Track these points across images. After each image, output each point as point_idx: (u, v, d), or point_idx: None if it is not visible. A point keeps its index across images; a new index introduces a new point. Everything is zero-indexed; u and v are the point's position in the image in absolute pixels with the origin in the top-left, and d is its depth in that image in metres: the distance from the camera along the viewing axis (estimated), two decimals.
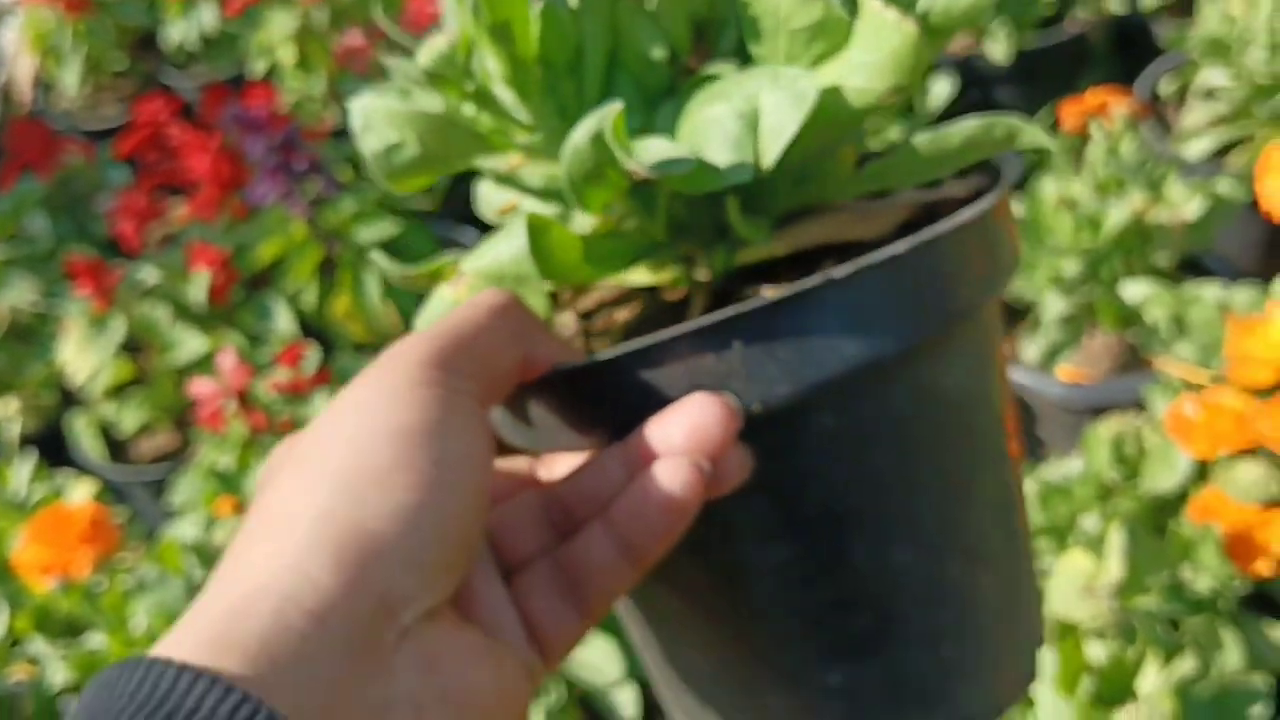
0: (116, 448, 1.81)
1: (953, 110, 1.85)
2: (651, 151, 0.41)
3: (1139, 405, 1.33)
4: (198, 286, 1.70)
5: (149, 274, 1.74)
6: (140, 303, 1.73)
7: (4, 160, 2.23)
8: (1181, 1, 1.98)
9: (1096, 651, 1.05)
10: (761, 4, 0.44)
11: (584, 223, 0.46)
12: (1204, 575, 1.11)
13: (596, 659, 1.14)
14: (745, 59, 0.46)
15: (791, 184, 0.47)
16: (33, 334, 1.90)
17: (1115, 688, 1.03)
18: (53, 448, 1.76)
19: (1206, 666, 1.06)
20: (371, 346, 1.76)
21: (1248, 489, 1.11)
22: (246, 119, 1.75)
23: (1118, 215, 1.41)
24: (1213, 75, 1.71)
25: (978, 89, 2.01)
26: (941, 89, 1.79)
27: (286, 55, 2.21)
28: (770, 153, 0.41)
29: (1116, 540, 1.12)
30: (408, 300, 1.78)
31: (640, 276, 0.49)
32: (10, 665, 1.46)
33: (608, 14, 0.46)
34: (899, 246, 0.40)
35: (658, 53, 0.46)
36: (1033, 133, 0.43)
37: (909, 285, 0.41)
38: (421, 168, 0.47)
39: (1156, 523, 1.20)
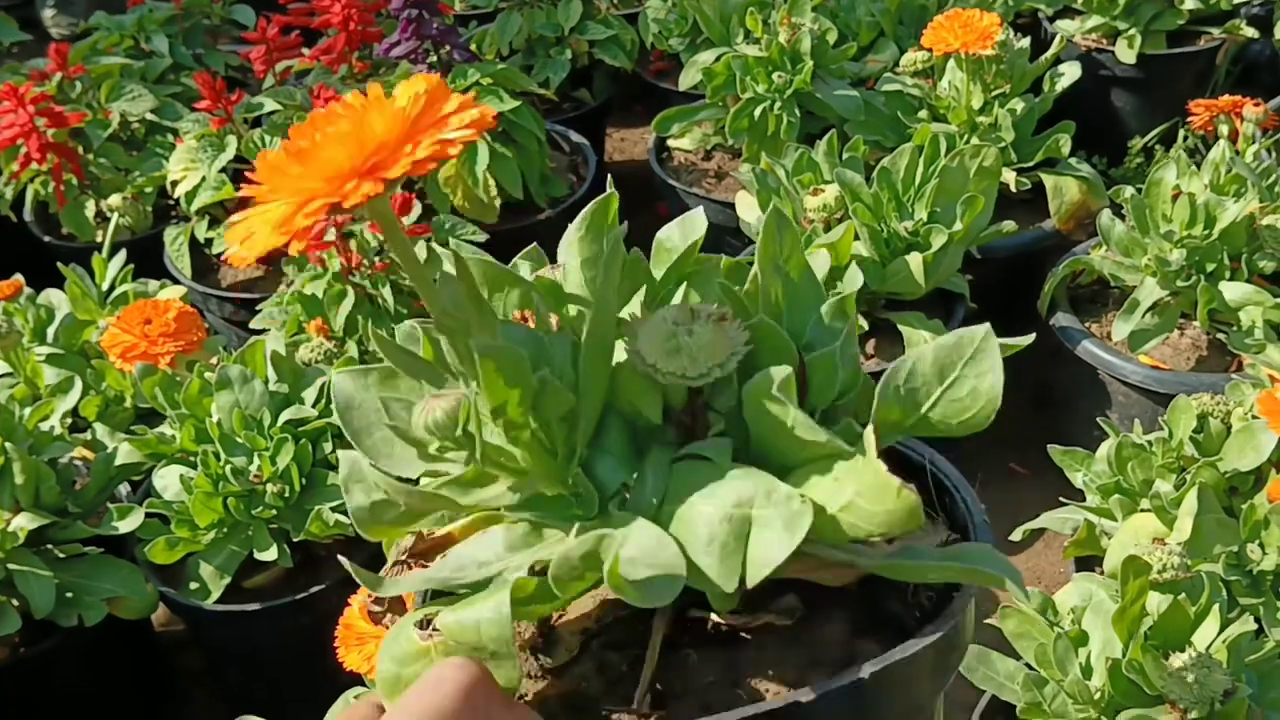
0: (202, 270, 1.84)
1: (1071, 101, 1.86)
2: (637, 560, 0.44)
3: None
4: None
5: (267, 103, 1.76)
6: (252, 130, 1.76)
7: None
8: None
9: (1155, 601, 1.07)
10: (770, 416, 0.47)
11: (563, 545, 0.49)
12: (1271, 554, 1.12)
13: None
14: (740, 426, 0.50)
15: None
16: (140, 145, 1.93)
17: (1172, 636, 1.05)
18: (142, 259, 1.79)
19: (1260, 635, 1.08)
20: (467, 215, 1.78)
21: None
22: None
23: (1233, 211, 1.43)
24: None
25: (1099, 83, 2.02)
26: (1071, 73, 1.80)
27: None
28: (755, 577, 0.44)
29: (1190, 503, 1.14)
30: (509, 174, 1.80)
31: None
32: (74, 445, 1.48)
33: (606, 375, 0.50)
34: (864, 672, 0.47)
35: (651, 411, 0.50)
36: (998, 579, 0.47)
37: (876, 700, 0.48)
38: (402, 522, 0.52)
39: (1228, 503, 1.21)
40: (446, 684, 0.44)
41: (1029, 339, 0.54)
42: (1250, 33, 2.00)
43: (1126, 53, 1.97)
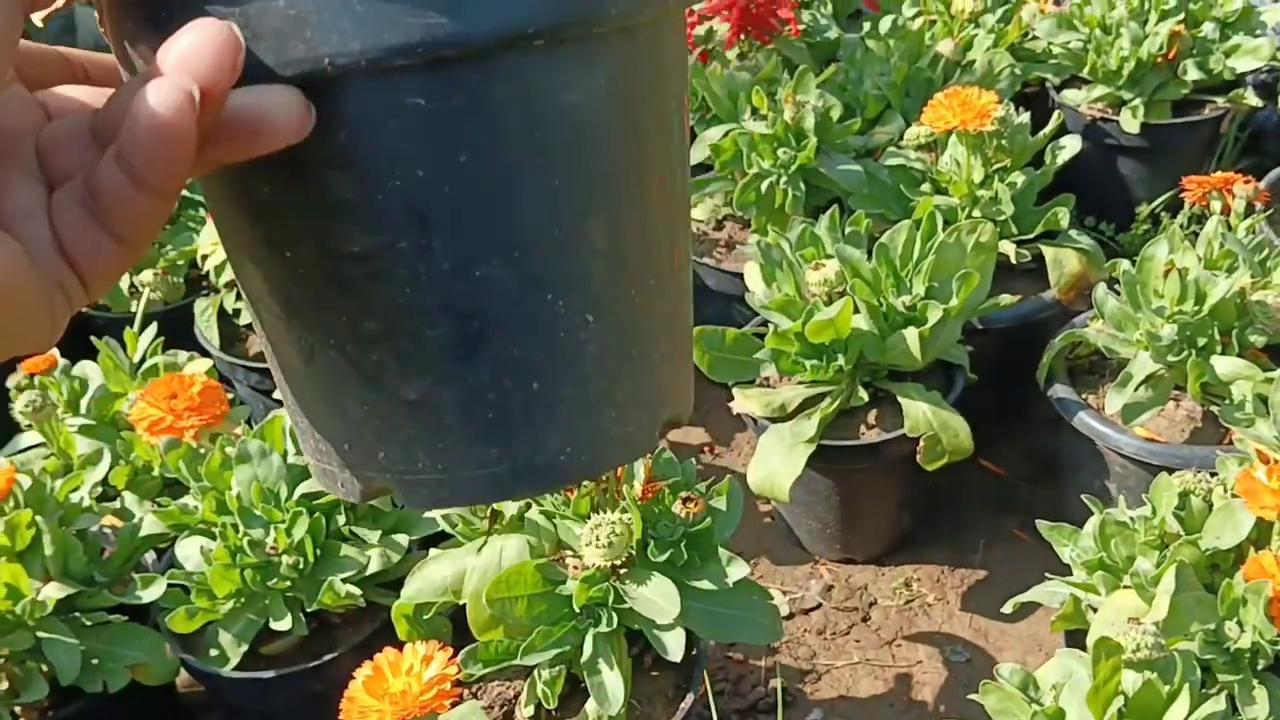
0: (230, 340, 1.91)
1: (1079, 170, 1.90)
2: None
3: (1210, 474, 1.37)
4: None
5: None
6: None
7: None
8: None
9: (1130, 680, 1.10)
10: None
11: None
12: (1247, 632, 1.15)
13: (658, 599, 1.20)
14: None
15: None
16: (174, 219, 2.01)
17: (1145, 715, 1.08)
18: (173, 329, 1.86)
19: (1234, 714, 1.10)
20: None
21: None
22: None
23: (1222, 287, 1.46)
24: None
25: (1105, 152, 2.06)
26: (1071, 146, 1.84)
27: None
28: None
29: (1169, 582, 1.17)
30: None
31: None
32: (103, 514, 1.56)
33: None
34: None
35: None
36: None
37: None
38: None
39: (1209, 580, 1.24)
40: None
41: None
42: (1255, 101, 2.04)
43: (1131, 123, 2.01)
